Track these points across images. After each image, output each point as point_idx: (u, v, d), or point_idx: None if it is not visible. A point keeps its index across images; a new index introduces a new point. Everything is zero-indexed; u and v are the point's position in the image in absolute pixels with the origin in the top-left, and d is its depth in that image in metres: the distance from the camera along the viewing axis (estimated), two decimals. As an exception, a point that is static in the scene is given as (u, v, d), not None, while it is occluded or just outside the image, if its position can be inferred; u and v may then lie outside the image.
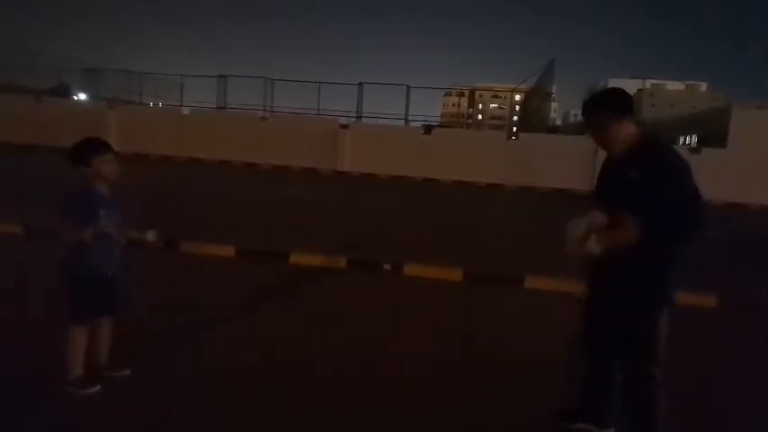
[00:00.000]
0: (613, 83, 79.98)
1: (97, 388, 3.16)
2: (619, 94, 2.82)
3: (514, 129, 27.93)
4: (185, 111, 23.66)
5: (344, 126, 21.31)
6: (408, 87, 23.03)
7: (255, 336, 4.30)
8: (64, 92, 28.96)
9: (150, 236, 3.29)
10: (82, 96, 28.06)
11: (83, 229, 2.97)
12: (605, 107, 2.78)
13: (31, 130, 21.20)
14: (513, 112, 34.25)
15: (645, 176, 2.61)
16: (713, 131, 27.74)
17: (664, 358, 2.73)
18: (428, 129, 21.49)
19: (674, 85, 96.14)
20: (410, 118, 23.56)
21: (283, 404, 3.26)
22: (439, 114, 59.03)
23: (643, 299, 2.70)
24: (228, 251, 6.69)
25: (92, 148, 3.15)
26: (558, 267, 5.61)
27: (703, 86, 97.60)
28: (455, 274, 6.30)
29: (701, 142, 30.93)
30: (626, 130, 2.74)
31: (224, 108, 24.50)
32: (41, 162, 16.75)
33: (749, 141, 17.99)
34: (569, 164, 18.55)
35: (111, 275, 3.19)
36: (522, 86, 27.85)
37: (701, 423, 3.36)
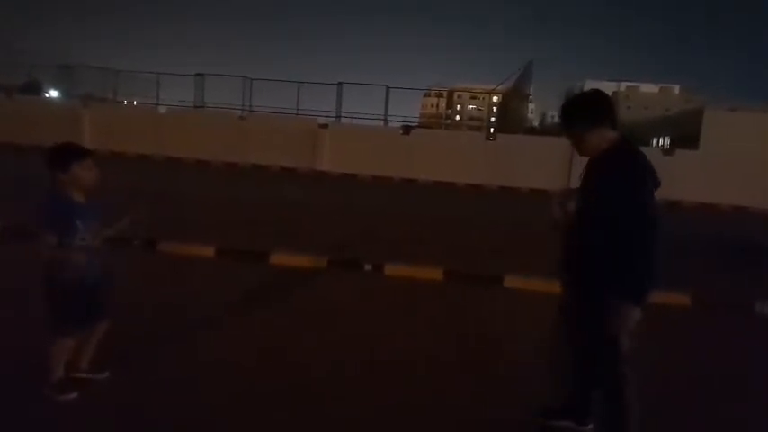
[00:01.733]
0: (590, 85, 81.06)
1: (74, 395, 3.10)
2: (593, 100, 2.83)
3: (492, 130, 28.16)
4: (162, 109, 23.33)
5: (324, 126, 21.24)
6: (387, 88, 23.04)
7: (246, 337, 4.28)
8: (35, 89, 28.36)
9: (126, 221, 3.22)
10: (54, 93, 27.50)
11: (65, 247, 2.88)
12: (579, 116, 2.81)
13: (1, 128, 20.69)
14: (490, 113, 34.46)
15: (607, 180, 2.69)
16: (686, 133, 28.34)
17: (629, 356, 2.76)
18: (407, 129, 21.53)
19: (648, 88, 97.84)
20: (389, 118, 23.60)
21: (279, 405, 3.26)
22: (418, 115, 59.17)
23: (606, 301, 2.71)
24: (208, 251, 6.63)
25: (70, 153, 3.03)
26: (539, 267, 5.68)
27: (676, 89, 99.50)
28: (438, 274, 6.35)
29: (675, 144, 31.56)
30: (601, 136, 2.77)
31: (202, 107, 24.23)
32: (13, 160, 16.40)
33: (721, 143, 18.40)
34: (547, 164, 18.75)
35: (94, 283, 3.10)
36: (500, 88, 28.08)
37: (681, 421, 3.43)
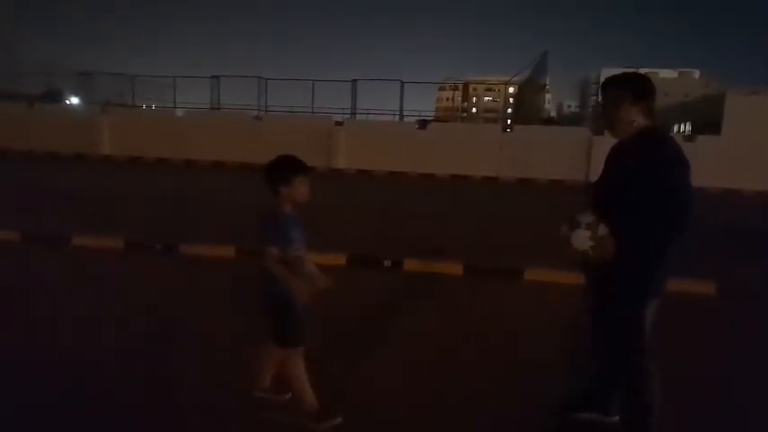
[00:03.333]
0: (606, 73, 79.94)
1: (338, 420, 2.95)
2: (638, 79, 2.84)
3: (509, 121, 27.96)
4: (179, 112, 23.58)
5: (339, 123, 21.27)
6: (402, 83, 22.99)
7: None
8: (56, 97, 28.84)
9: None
10: (74, 101, 27.95)
11: (286, 260, 2.85)
12: (620, 86, 2.80)
13: (23, 137, 21.11)
14: (507, 104, 34.24)
15: (638, 165, 2.63)
16: (707, 119, 27.80)
17: (649, 347, 2.73)
18: (423, 124, 21.47)
19: (667, 74, 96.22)
20: (405, 113, 23.56)
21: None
22: (433, 109, 59.06)
23: (626, 291, 2.71)
24: (229, 251, 6.68)
25: (293, 167, 2.96)
26: (558, 260, 5.63)
27: (696, 74, 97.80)
28: (458, 269, 6.32)
29: (696, 130, 30.99)
30: (633, 116, 2.74)
31: (218, 108, 24.44)
32: (40, 168, 16.72)
33: (743, 128, 18.04)
34: (564, 155, 18.58)
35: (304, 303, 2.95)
36: (516, 79, 27.83)
37: (703, 410, 3.38)
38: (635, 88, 2.77)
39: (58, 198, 10.34)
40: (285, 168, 2.94)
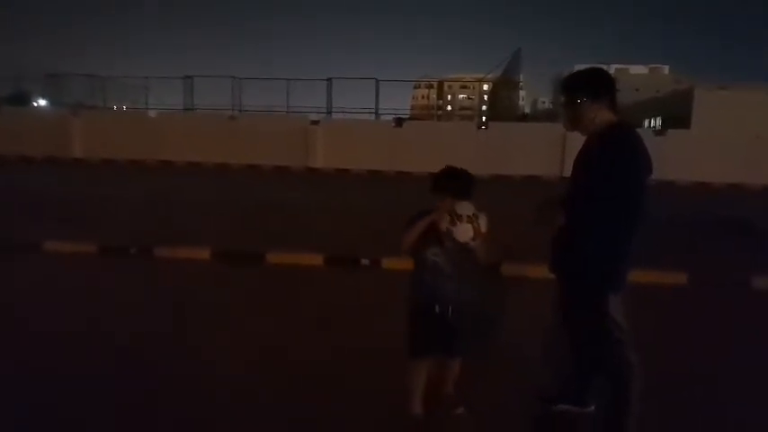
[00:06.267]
0: (579, 69, 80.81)
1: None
2: (594, 74, 2.84)
3: (484, 118, 28.16)
4: (152, 113, 23.25)
5: (315, 122, 21.20)
6: (377, 81, 23.03)
7: (248, 337, 4.27)
8: (23, 99, 28.20)
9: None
10: (42, 103, 27.36)
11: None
12: (582, 86, 2.81)
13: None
14: (481, 101, 34.46)
15: (598, 157, 2.67)
16: (677, 113, 28.39)
17: (625, 336, 2.74)
18: (399, 122, 21.51)
19: (637, 69, 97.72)
20: (381, 112, 23.59)
21: (287, 397, 3.26)
22: (409, 107, 59.17)
23: (587, 280, 2.74)
24: (203, 254, 6.61)
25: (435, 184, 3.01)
26: (535, 254, 5.69)
27: (666, 69, 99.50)
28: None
29: (666, 124, 31.60)
30: (596, 113, 2.76)
31: (192, 109, 24.15)
32: (9, 172, 16.34)
33: (711, 121, 18.50)
34: (540, 151, 18.79)
35: (442, 311, 2.93)
36: (490, 76, 28.07)
37: (681, 401, 3.45)
38: (591, 86, 2.79)
39: (28, 203, 10.10)
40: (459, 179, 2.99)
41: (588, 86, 2.79)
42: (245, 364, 3.79)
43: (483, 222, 2.87)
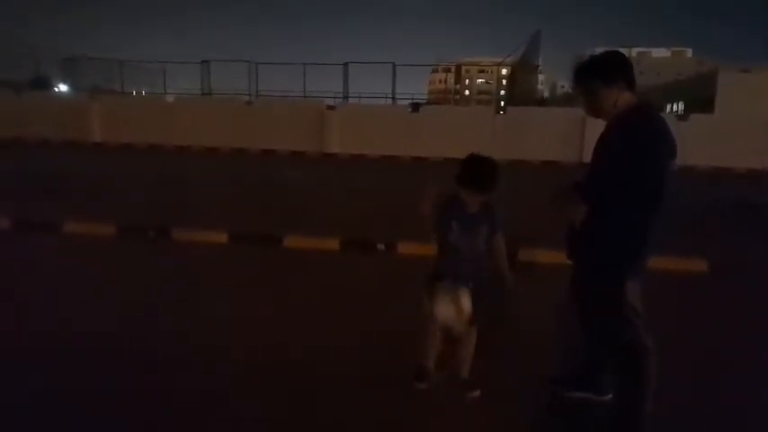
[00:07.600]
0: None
1: (423, 385, 3.17)
2: (610, 59, 2.74)
3: (502, 103, 27.85)
4: (170, 98, 23.37)
5: (331, 107, 21.13)
6: (394, 65, 22.85)
7: (260, 322, 4.30)
8: (44, 84, 28.51)
9: None
10: (62, 88, 27.63)
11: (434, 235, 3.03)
12: (593, 73, 2.73)
13: (12, 124, 20.84)
14: (500, 86, 34.06)
15: (620, 140, 2.60)
16: (700, 97, 27.79)
17: (642, 322, 2.70)
18: (416, 106, 21.36)
19: (659, 53, 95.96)
20: (397, 96, 23.45)
21: (294, 383, 3.28)
22: (426, 91, 58.74)
23: (605, 263, 2.68)
24: (222, 238, 6.65)
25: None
26: (551, 240, 5.63)
27: (689, 52, 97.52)
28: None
29: (688, 108, 30.96)
30: (615, 97, 2.68)
31: (209, 94, 24.22)
32: (30, 155, 16.56)
33: (735, 105, 18.08)
34: (558, 135, 18.55)
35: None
36: (508, 60, 27.70)
37: (699, 387, 3.41)
38: (602, 71, 2.70)
39: (49, 185, 10.24)
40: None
41: (599, 73, 2.71)
42: (262, 348, 3.81)
43: (466, 301, 2.88)
